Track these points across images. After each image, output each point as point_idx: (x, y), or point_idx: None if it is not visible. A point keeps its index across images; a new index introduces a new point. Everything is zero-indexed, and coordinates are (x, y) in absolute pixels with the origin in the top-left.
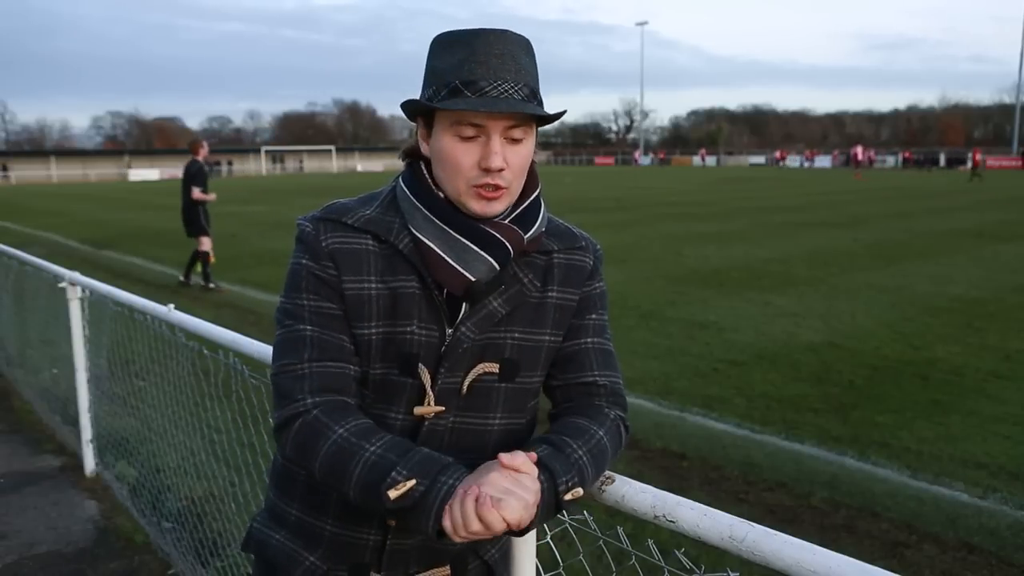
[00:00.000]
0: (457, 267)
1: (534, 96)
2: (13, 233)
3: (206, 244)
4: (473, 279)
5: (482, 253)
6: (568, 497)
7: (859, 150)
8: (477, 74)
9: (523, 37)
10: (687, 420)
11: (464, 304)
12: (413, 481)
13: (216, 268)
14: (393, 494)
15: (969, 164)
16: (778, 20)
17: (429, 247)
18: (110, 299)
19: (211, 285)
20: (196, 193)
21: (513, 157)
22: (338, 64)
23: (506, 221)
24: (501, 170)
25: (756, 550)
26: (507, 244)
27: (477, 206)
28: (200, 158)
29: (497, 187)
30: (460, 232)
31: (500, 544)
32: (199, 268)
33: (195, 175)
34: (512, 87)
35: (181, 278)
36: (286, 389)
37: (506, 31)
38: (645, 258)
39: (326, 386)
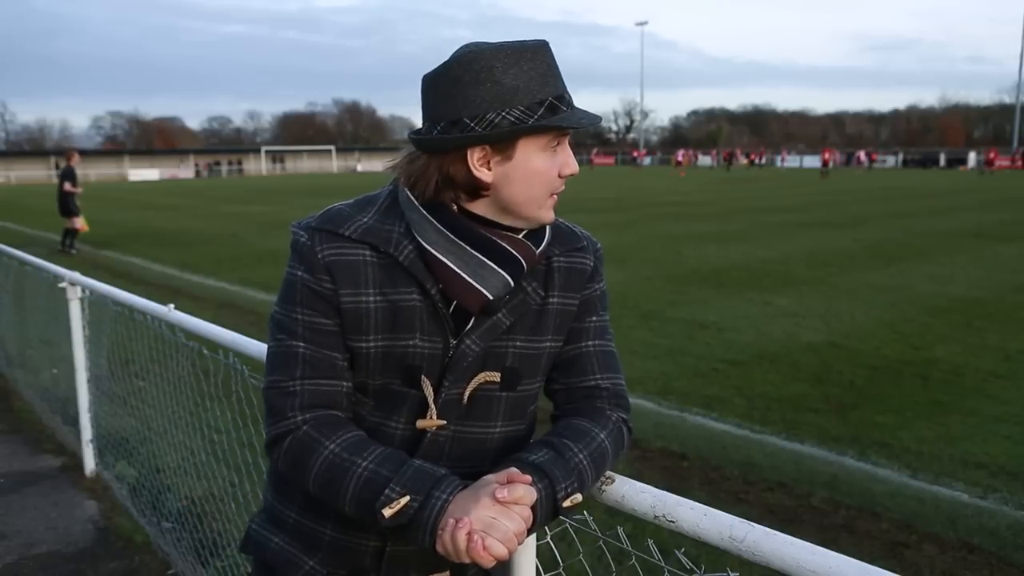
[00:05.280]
0: (474, 283)
1: None
2: (13, 233)
3: (77, 223)
4: (491, 297)
5: (498, 270)
6: (567, 504)
7: (728, 151)
8: (561, 88)
9: None
10: (687, 420)
11: (472, 317)
12: (407, 498)
13: (217, 268)
14: (388, 512)
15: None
16: (775, 21)
17: (442, 262)
18: (110, 299)
19: (72, 250)
20: (67, 187)
21: None
22: (339, 65)
23: (519, 235)
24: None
25: (756, 550)
26: (522, 260)
27: (548, 216)
28: (72, 163)
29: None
30: (477, 248)
31: None
32: (71, 238)
33: (67, 175)
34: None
35: (61, 248)
36: (277, 406)
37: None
38: (645, 258)
39: (317, 403)
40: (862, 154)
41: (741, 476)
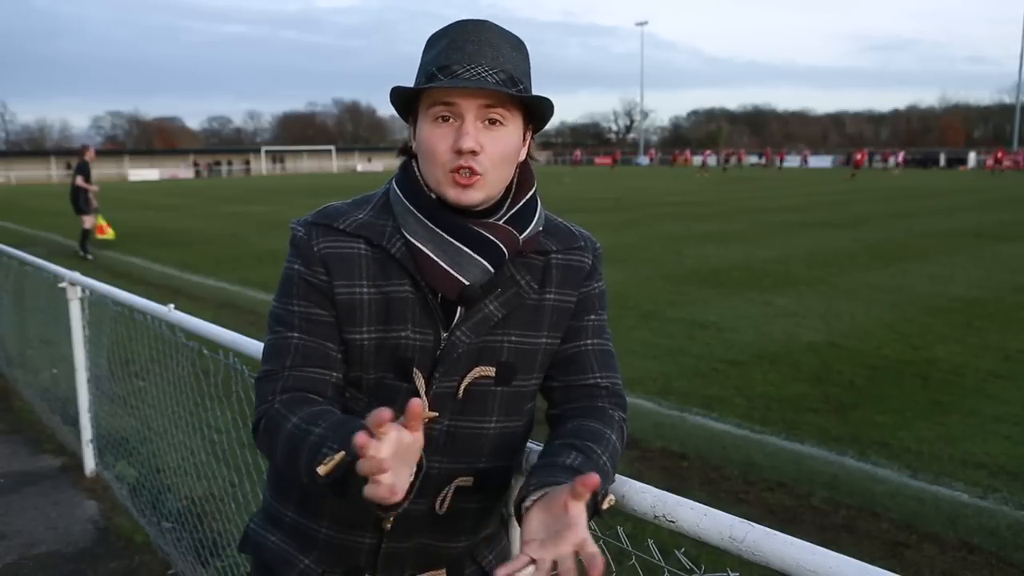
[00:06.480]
0: (450, 270)
1: (514, 83)
2: (13, 233)
3: (87, 222)
4: (467, 283)
5: (475, 256)
6: (605, 506)
7: (706, 154)
8: (452, 59)
9: (512, 33)
10: (687, 420)
11: (459, 308)
12: (342, 453)
13: (217, 268)
14: (322, 470)
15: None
16: (775, 21)
17: (421, 250)
18: (110, 299)
19: (88, 256)
20: (79, 181)
21: (490, 142)
22: (339, 65)
23: (500, 221)
24: (474, 152)
25: (756, 550)
26: (501, 245)
27: (452, 193)
28: (87, 158)
29: (472, 171)
30: (452, 234)
31: (498, 549)
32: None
33: (80, 169)
34: (487, 71)
35: (81, 253)
36: (261, 392)
37: (487, 21)
38: (645, 258)
39: (297, 387)
40: (902, 154)
41: (741, 476)
